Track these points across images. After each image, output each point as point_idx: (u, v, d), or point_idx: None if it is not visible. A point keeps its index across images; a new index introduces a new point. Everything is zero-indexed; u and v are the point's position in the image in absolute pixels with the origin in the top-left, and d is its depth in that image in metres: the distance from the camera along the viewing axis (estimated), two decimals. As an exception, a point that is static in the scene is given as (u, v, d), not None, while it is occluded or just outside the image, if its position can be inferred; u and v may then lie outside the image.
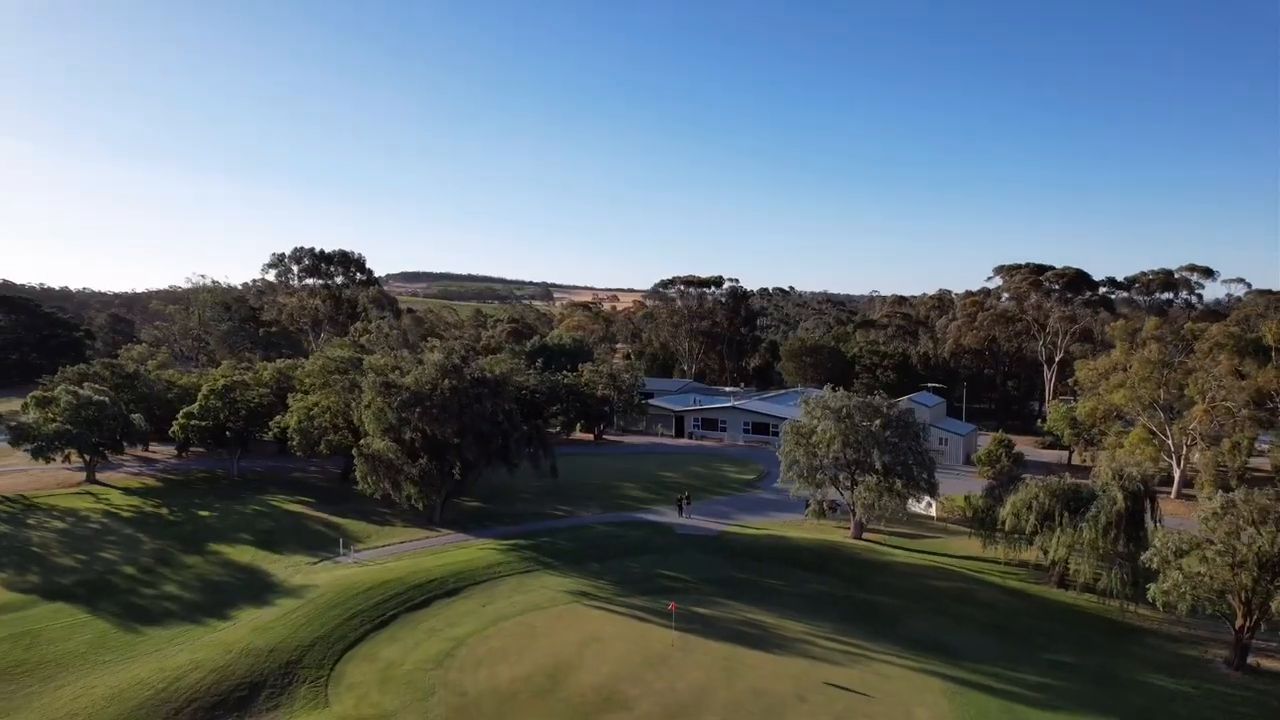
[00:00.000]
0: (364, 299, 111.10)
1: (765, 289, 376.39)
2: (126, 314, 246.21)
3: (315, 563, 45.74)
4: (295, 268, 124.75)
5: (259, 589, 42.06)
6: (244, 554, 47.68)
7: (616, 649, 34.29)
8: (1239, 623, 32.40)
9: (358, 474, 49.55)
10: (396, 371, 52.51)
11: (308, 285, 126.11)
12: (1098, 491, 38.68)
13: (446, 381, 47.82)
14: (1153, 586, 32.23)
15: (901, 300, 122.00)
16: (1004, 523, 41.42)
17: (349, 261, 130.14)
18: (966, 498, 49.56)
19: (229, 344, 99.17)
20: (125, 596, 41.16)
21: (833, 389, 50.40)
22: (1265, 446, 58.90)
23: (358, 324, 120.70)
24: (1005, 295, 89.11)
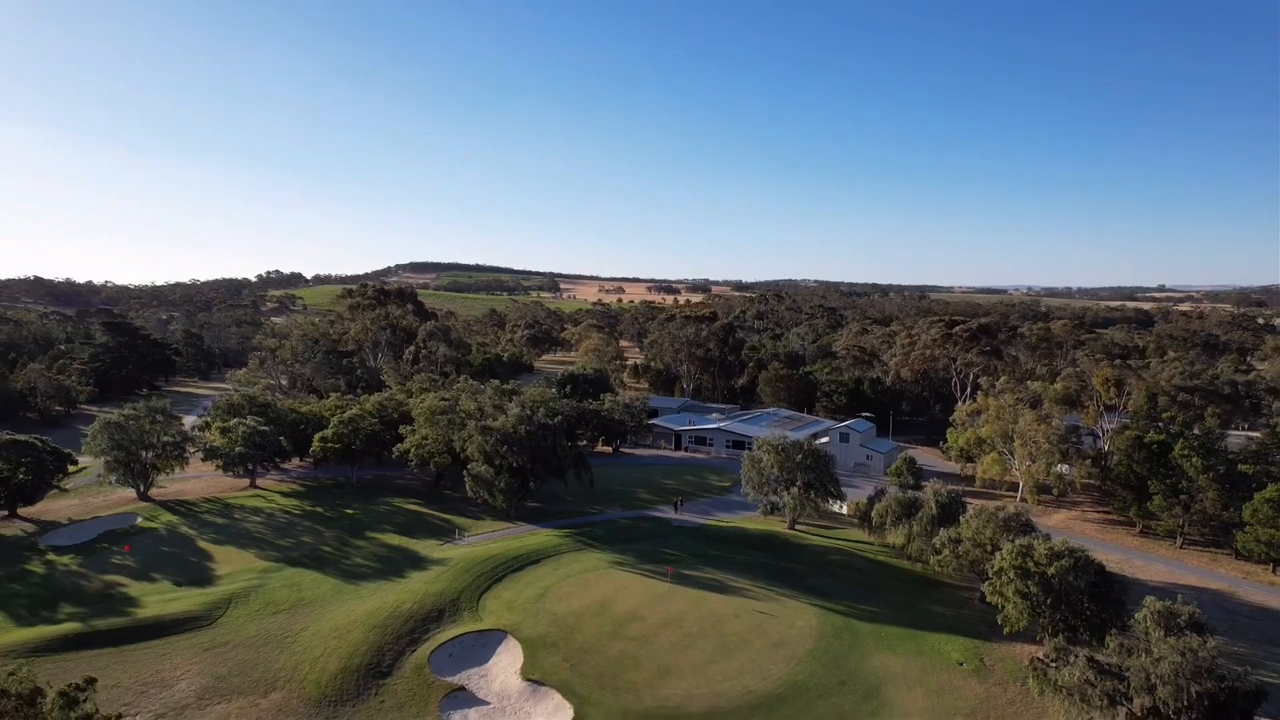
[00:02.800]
0: (422, 331, 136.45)
1: (764, 294, 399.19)
2: (171, 318, 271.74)
3: (443, 544, 71.54)
4: (362, 301, 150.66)
5: (414, 560, 67.89)
6: (392, 539, 73.55)
7: (636, 593, 60.04)
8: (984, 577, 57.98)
9: (467, 486, 75.01)
10: (483, 416, 78.17)
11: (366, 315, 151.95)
12: (924, 501, 64.13)
13: (523, 427, 73.51)
14: (932, 559, 57.87)
15: (863, 332, 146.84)
16: (874, 520, 66.98)
17: (404, 297, 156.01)
18: (857, 503, 75.00)
19: (321, 373, 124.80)
20: (335, 564, 67.03)
21: (794, 410, 75.71)
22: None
23: (410, 347, 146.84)
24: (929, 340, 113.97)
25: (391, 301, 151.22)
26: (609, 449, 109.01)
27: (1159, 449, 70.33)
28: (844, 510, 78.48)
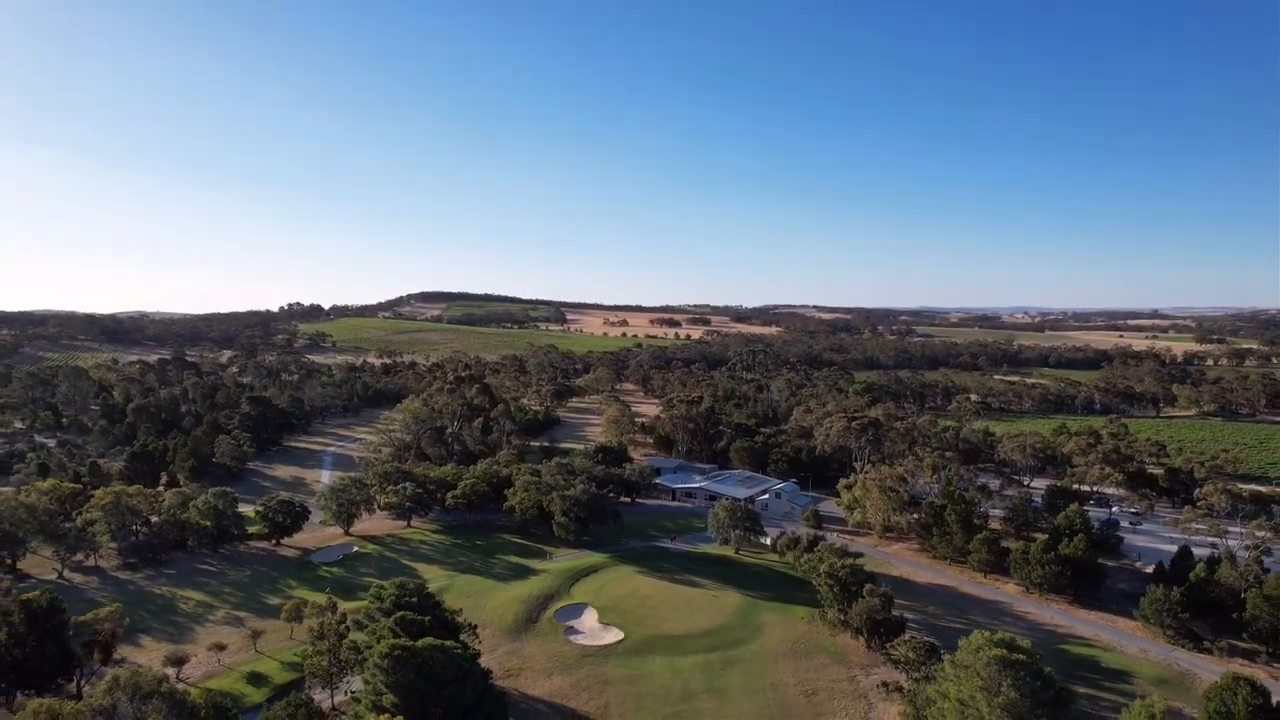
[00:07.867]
0: (495, 411, 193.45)
1: (754, 349, 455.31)
2: (232, 361, 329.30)
3: (542, 561, 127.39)
4: (446, 384, 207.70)
5: (529, 570, 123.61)
6: (511, 558, 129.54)
7: (650, 586, 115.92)
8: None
9: (553, 528, 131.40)
10: (558, 486, 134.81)
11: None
12: (801, 537, 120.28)
13: (585, 495, 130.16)
14: (799, 568, 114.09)
15: (807, 412, 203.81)
16: (779, 548, 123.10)
17: (475, 380, 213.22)
18: (774, 538, 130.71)
19: (427, 442, 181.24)
20: (486, 571, 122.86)
21: (751, 472, 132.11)
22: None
23: (479, 419, 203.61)
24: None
25: (465, 384, 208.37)
26: (629, 499, 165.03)
27: (939, 508, 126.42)
28: (768, 542, 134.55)
